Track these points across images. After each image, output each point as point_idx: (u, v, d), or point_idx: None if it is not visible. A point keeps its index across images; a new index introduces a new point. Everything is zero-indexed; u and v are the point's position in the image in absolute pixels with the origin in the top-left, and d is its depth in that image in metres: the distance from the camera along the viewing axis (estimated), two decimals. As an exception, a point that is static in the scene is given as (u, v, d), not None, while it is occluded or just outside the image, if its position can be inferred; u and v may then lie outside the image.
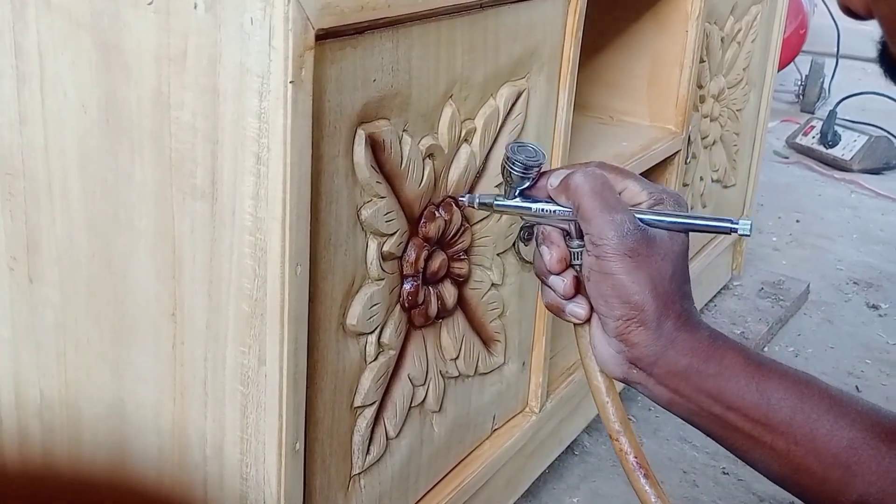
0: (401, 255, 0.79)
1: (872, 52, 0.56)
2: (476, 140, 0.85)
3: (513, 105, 0.89)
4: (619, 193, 0.67)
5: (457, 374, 0.92)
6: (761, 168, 1.80)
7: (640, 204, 0.66)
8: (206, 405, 0.73)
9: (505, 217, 0.92)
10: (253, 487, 0.72)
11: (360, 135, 0.71)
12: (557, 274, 0.68)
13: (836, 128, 2.55)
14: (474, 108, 0.84)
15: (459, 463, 0.98)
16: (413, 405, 0.86)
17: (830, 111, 2.59)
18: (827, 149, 2.55)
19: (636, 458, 0.68)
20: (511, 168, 0.69)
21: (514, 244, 0.95)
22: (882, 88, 2.85)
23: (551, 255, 0.67)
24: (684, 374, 0.63)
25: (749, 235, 0.65)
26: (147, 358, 0.75)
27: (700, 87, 1.40)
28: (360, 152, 0.71)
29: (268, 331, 0.68)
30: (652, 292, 0.63)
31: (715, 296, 1.71)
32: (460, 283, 0.89)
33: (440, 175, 0.82)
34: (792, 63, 3.03)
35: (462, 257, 0.87)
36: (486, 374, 0.98)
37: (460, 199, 0.78)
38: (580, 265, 0.66)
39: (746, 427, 0.62)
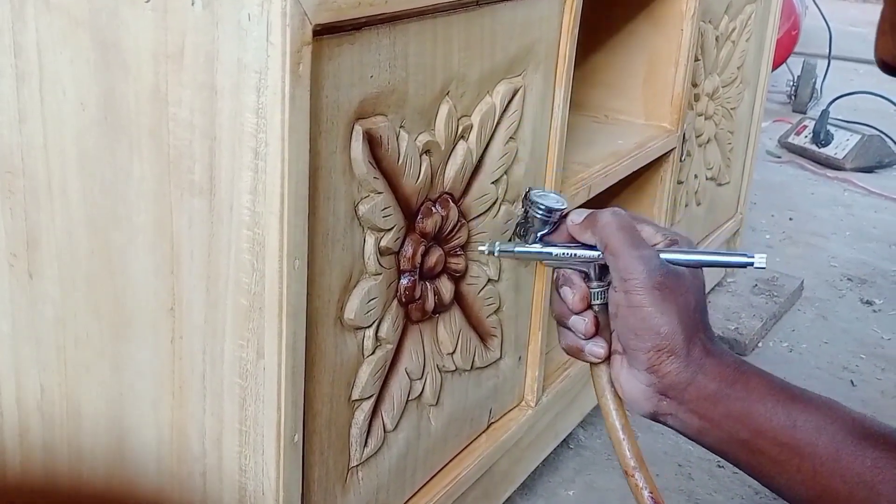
0: (398, 251, 0.80)
1: (864, 53, 0.57)
2: (472, 137, 0.86)
3: (509, 102, 0.90)
4: None
5: (453, 368, 0.93)
6: (755, 166, 1.81)
7: (656, 244, 0.69)
8: (204, 398, 0.74)
9: (501, 213, 0.92)
10: (252, 479, 0.73)
11: (358, 131, 0.71)
12: (579, 314, 0.70)
13: (829, 127, 2.57)
14: (471, 104, 0.85)
15: (456, 456, 0.98)
16: (410, 399, 0.87)
17: (823, 111, 2.60)
18: (819, 148, 2.56)
19: (651, 493, 0.69)
20: (535, 212, 0.71)
21: (510, 240, 0.95)
22: (874, 88, 2.87)
23: (574, 295, 0.70)
24: (714, 399, 0.65)
25: (764, 268, 0.67)
26: (146, 352, 0.75)
27: (695, 85, 1.41)
28: (358, 148, 0.72)
29: (266, 325, 0.68)
30: (680, 323, 0.65)
31: (709, 292, 1.72)
32: (457, 278, 0.89)
33: (437, 171, 0.82)
34: (784, 64, 3.04)
35: (459, 253, 0.88)
36: (482, 368, 0.98)
37: (479, 248, 0.78)
38: (599, 305, 0.69)
39: (773, 451, 0.63)
